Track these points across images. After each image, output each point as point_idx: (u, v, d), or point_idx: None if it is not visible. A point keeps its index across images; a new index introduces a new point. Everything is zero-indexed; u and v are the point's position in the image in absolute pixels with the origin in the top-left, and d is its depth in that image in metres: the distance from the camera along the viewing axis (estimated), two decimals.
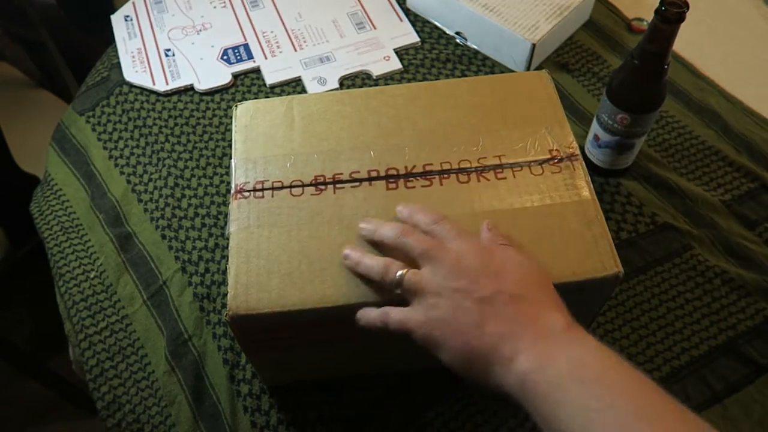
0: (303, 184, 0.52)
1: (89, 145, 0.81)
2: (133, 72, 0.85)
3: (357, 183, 0.52)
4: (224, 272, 0.67)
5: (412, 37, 0.87)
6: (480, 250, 0.45)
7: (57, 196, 0.78)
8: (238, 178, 0.53)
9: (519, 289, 0.43)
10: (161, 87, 0.83)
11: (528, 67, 0.81)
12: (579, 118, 0.79)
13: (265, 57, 0.85)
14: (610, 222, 0.69)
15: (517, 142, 0.54)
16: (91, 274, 0.71)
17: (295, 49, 0.86)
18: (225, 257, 0.68)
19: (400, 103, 0.57)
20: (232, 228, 0.50)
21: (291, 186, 0.52)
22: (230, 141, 0.59)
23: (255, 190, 0.52)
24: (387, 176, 0.52)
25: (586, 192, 0.51)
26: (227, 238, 0.50)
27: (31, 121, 1.21)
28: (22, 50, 1.35)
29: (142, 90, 0.84)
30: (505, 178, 0.52)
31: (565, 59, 0.85)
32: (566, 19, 0.82)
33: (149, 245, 0.71)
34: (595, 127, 0.69)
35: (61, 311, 0.70)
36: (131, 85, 0.85)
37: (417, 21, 0.89)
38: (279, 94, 0.82)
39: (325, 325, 0.49)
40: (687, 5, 0.55)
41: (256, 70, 0.84)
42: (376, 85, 0.82)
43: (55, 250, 0.74)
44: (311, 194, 0.52)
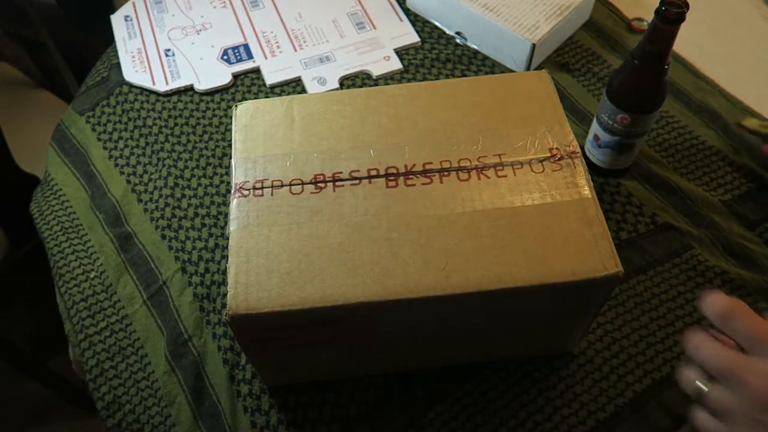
0: (303, 183, 0.52)
1: (89, 145, 0.81)
2: (133, 72, 0.85)
3: (357, 181, 0.52)
4: (224, 272, 0.67)
5: (412, 37, 0.87)
6: None
7: (57, 196, 0.78)
8: (237, 177, 0.53)
9: None
10: (161, 87, 0.83)
11: (528, 67, 0.81)
12: (579, 118, 0.79)
13: (265, 57, 0.85)
14: (610, 222, 0.69)
15: (517, 141, 0.54)
16: (91, 274, 0.70)
17: (295, 49, 0.86)
18: (225, 257, 0.68)
19: (400, 103, 0.57)
20: (232, 227, 0.50)
21: (291, 184, 0.52)
22: (230, 141, 0.59)
23: (254, 188, 0.52)
24: (387, 174, 0.52)
25: (586, 190, 0.51)
26: (227, 238, 0.50)
27: (31, 121, 1.21)
28: (22, 50, 1.35)
29: (142, 90, 0.84)
30: (505, 176, 0.52)
31: (565, 59, 0.85)
32: (566, 19, 0.82)
33: (149, 245, 0.71)
34: (595, 127, 0.69)
35: (61, 311, 0.70)
36: (131, 85, 0.85)
37: (417, 21, 0.89)
38: (279, 94, 0.82)
39: (325, 324, 0.49)
40: (687, 5, 0.55)
41: (256, 70, 0.84)
42: (376, 85, 0.82)
43: (55, 250, 0.74)
44: (311, 192, 0.52)
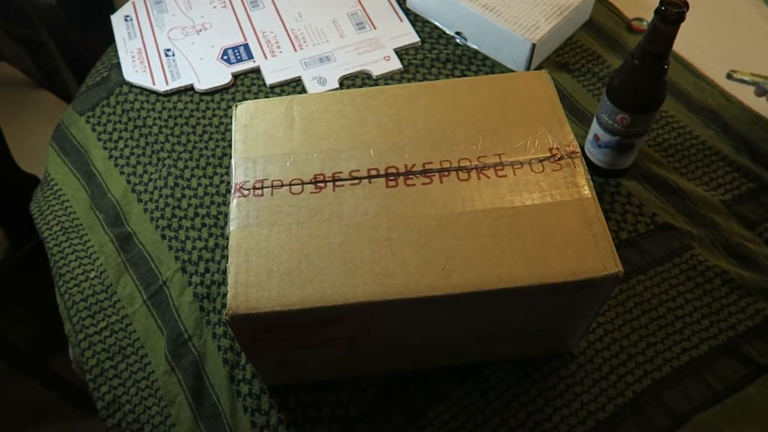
0: (303, 183, 0.52)
1: (89, 145, 0.81)
2: (133, 72, 0.85)
3: (357, 181, 0.52)
4: (224, 272, 0.67)
5: (412, 37, 0.87)
6: None
7: (57, 196, 0.78)
8: (237, 176, 0.53)
9: None
10: (161, 87, 0.83)
11: (528, 67, 0.81)
12: (579, 118, 0.79)
13: (265, 57, 0.85)
14: (610, 222, 0.69)
15: (517, 141, 0.54)
16: (91, 274, 0.70)
17: (295, 49, 0.86)
18: (225, 257, 0.68)
19: (400, 103, 0.57)
20: (232, 227, 0.50)
21: (291, 184, 0.52)
22: (230, 141, 0.59)
23: (254, 188, 0.52)
24: (387, 174, 0.52)
25: (586, 190, 0.51)
26: (227, 238, 0.50)
27: (31, 121, 1.21)
28: (22, 50, 1.35)
29: (142, 90, 0.84)
30: (505, 176, 0.52)
31: (565, 59, 0.85)
32: (566, 19, 0.82)
33: (149, 245, 0.71)
34: (595, 127, 0.69)
35: (61, 311, 0.70)
36: (131, 85, 0.85)
37: (417, 21, 0.89)
38: (279, 94, 0.82)
39: (325, 324, 0.49)
40: (687, 5, 0.55)
41: (256, 70, 0.84)
42: (376, 85, 0.82)
43: (55, 250, 0.74)
44: (311, 192, 0.52)
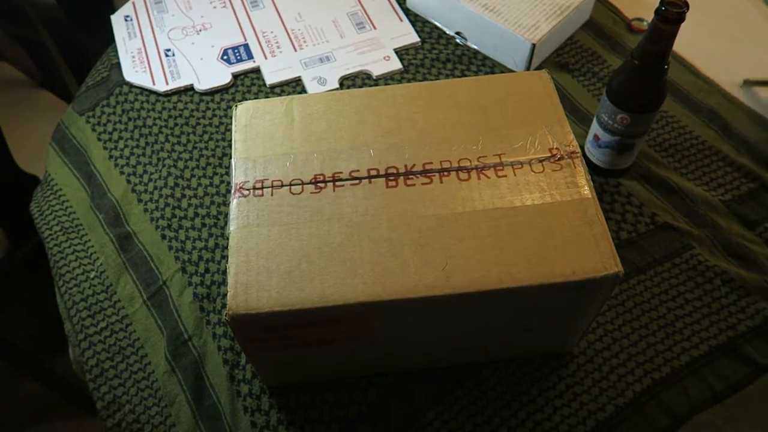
0: (303, 183, 0.52)
1: (89, 145, 0.81)
2: (133, 72, 0.85)
3: (357, 181, 0.52)
4: (224, 272, 0.67)
5: (412, 37, 0.87)
6: None
7: (57, 196, 0.78)
8: (237, 177, 0.53)
9: None
10: (161, 87, 0.83)
11: (528, 67, 0.81)
12: (579, 118, 0.79)
13: (265, 57, 0.85)
14: (610, 222, 0.69)
15: (517, 141, 0.54)
16: (91, 274, 0.70)
17: (295, 49, 0.86)
18: (225, 257, 0.68)
19: (400, 103, 0.57)
20: (232, 227, 0.50)
21: (291, 184, 0.52)
22: (230, 141, 0.59)
23: (254, 188, 0.52)
24: (387, 174, 0.52)
25: (586, 190, 0.51)
26: (227, 238, 0.50)
27: (31, 121, 1.21)
28: (22, 50, 1.35)
29: (142, 90, 0.84)
30: (505, 176, 0.52)
31: (565, 59, 0.85)
32: (566, 19, 0.82)
33: (149, 245, 0.71)
34: (595, 127, 0.69)
35: (61, 311, 0.70)
36: (131, 85, 0.85)
37: (417, 21, 0.89)
38: (279, 94, 0.82)
39: (325, 324, 0.49)
40: (687, 5, 0.55)
41: (256, 70, 0.84)
42: (376, 85, 0.82)
43: (55, 250, 0.74)
44: (311, 192, 0.52)
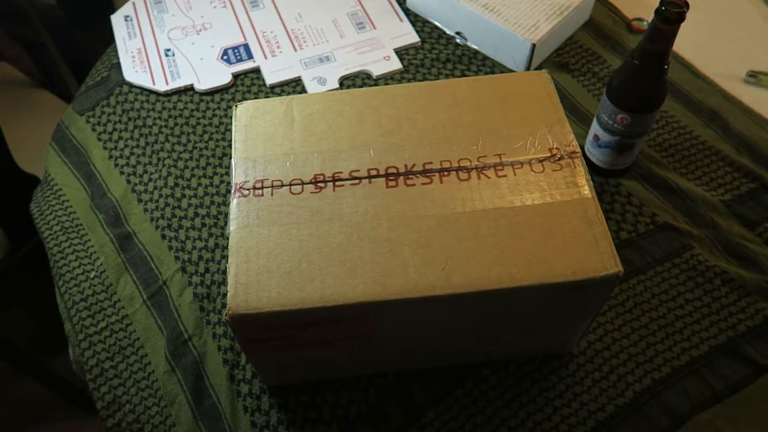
0: (303, 183, 0.52)
1: (89, 145, 0.81)
2: (133, 72, 0.85)
3: (357, 181, 0.52)
4: (224, 272, 0.67)
5: (412, 37, 0.87)
6: None
7: (57, 196, 0.78)
8: (237, 176, 0.53)
9: None
10: (161, 87, 0.83)
11: (528, 67, 0.81)
12: (579, 118, 0.79)
13: (265, 57, 0.85)
14: (610, 222, 0.69)
15: (517, 141, 0.54)
16: (91, 274, 0.70)
17: (295, 49, 0.86)
18: (225, 257, 0.68)
19: (400, 103, 0.57)
20: (232, 227, 0.50)
21: (291, 184, 0.52)
22: (230, 141, 0.59)
23: (254, 188, 0.52)
24: (387, 174, 0.52)
25: (586, 190, 0.51)
26: (227, 238, 0.50)
27: (31, 121, 1.21)
28: (22, 50, 1.35)
29: (142, 90, 0.84)
30: (505, 176, 0.52)
31: (565, 59, 0.85)
32: (566, 19, 0.82)
33: (149, 245, 0.71)
34: (595, 127, 0.69)
35: (61, 311, 0.70)
36: (131, 85, 0.85)
37: (417, 21, 0.89)
38: (279, 94, 0.82)
39: (325, 324, 0.49)
40: (687, 5, 0.55)
41: (256, 70, 0.84)
42: (376, 85, 0.82)
43: (55, 250, 0.74)
44: (311, 192, 0.52)
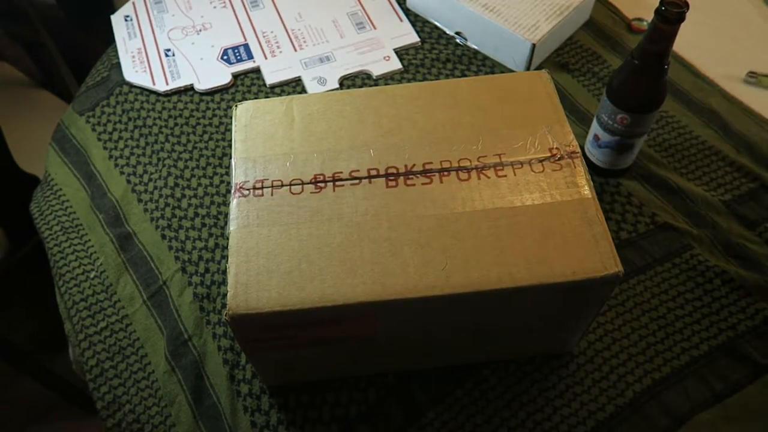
0: (303, 183, 0.52)
1: (89, 145, 0.81)
2: (133, 72, 0.85)
3: (357, 181, 0.52)
4: (224, 272, 0.67)
5: (412, 37, 0.87)
6: None
7: (57, 196, 0.78)
8: (237, 176, 0.53)
9: None
10: (161, 87, 0.83)
11: (528, 67, 0.81)
12: (579, 118, 0.79)
13: (265, 57, 0.85)
14: (610, 222, 0.69)
15: (517, 141, 0.54)
16: (91, 274, 0.70)
17: (295, 49, 0.86)
18: (225, 257, 0.68)
19: (400, 103, 0.57)
20: (232, 227, 0.50)
21: (291, 184, 0.52)
22: (230, 141, 0.59)
23: (254, 188, 0.52)
24: (387, 174, 0.52)
25: (586, 190, 0.51)
26: (227, 238, 0.50)
27: (31, 121, 1.21)
28: (22, 50, 1.35)
29: (142, 90, 0.84)
30: (505, 176, 0.52)
31: (565, 59, 0.85)
32: (566, 19, 0.82)
33: (149, 245, 0.71)
34: (595, 127, 0.69)
35: (61, 311, 0.70)
36: (131, 85, 0.85)
37: (417, 21, 0.89)
38: (279, 94, 0.82)
39: (325, 324, 0.49)
40: (687, 5, 0.56)
41: (256, 70, 0.84)
42: (376, 85, 0.82)
43: (55, 250, 0.74)
44: (311, 192, 0.52)
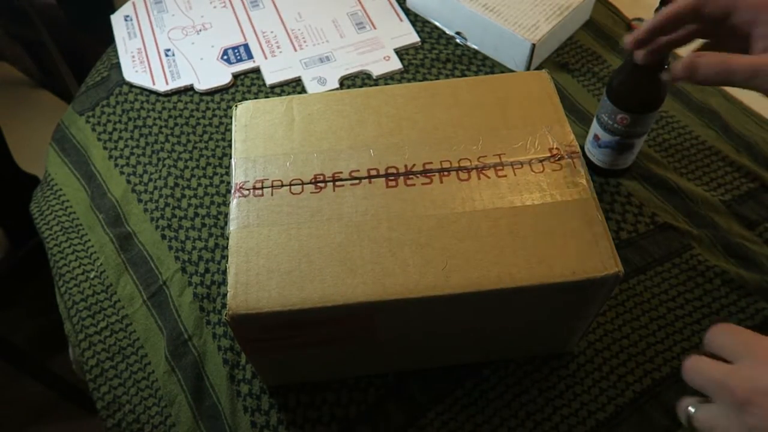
0: (303, 183, 0.52)
1: (89, 145, 0.81)
2: (133, 72, 0.85)
3: (357, 181, 0.52)
4: (224, 272, 0.67)
5: (412, 37, 0.87)
6: None
7: (57, 196, 0.78)
8: (237, 176, 0.53)
9: None
10: (161, 87, 0.83)
11: (528, 67, 0.81)
12: (579, 118, 0.79)
13: (265, 57, 0.85)
14: (610, 222, 0.69)
15: (517, 141, 0.54)
16: (91, 274, 0.70)
17: (295, 49, 0.86)
18: (225, 257, 0.68)
19: (400, 103, 0.57)
20: (232, 227, 0.50)
21: (291, 184, 0.52)
22: (230, 141, 0.59)
23: (254, 188, 0.52)
24: (387, 174, 0.52)
25: (586, 190, 0.51)
26: (227, 238, 0.50)
27: (31, 121, 1.21)
28: (22, 50, 1.35)
29: (142, 90, 0.84)
30: (505, 176, 0.52)
31: (565, 59, 0.85)
32: (566, 19, 0.82)
33: (149, 245, 0.71)
34: (595, 127, 0.69)
35: (61, 311, 0.70)
36: (131, 85, 0.85)
37: (417, 21, 0.89)
38: (279, 94, 0.82)
39: (325, 324, 0.49)
40: None
41: (256, 70, 0.84)
42: (376, 85, 0.82)
43: (55, 250, 0.74)
44: (311, 192, 0.52)
